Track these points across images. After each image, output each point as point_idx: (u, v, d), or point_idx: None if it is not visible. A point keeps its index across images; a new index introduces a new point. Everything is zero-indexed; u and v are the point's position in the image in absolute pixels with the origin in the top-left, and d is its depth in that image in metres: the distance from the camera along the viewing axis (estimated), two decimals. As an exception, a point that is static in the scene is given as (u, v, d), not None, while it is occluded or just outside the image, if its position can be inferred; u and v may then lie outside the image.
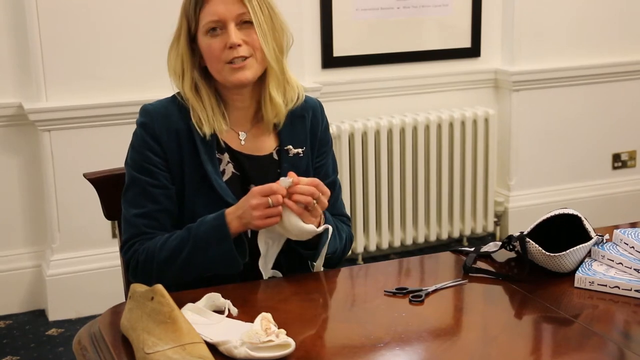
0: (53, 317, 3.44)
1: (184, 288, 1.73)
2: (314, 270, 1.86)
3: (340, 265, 1.97)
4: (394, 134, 3.84)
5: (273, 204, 1.70)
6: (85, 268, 3.47)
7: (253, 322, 1.48)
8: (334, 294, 1.83)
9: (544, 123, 4.20)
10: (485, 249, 1.91)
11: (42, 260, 3.53)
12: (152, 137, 1.84)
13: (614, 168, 4.41)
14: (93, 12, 3.35)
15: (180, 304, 1.53)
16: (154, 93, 2.02)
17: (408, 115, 3.90)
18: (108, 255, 3.42)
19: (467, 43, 4.09)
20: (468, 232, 4.12)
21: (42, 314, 3.50)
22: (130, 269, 1.84)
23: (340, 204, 2.02)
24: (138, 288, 1.53)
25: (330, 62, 3.84)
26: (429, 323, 1.59)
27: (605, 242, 1.86)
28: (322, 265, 1.87)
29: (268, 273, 1.84)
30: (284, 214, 1.73)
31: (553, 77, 4.15)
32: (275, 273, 1.85)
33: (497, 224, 4.21)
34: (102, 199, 2.01)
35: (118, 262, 2.06)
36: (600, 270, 1.76)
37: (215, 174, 1.84)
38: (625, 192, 4.41)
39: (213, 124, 1.85)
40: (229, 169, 1.88)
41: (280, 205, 1.71)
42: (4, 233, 3.49)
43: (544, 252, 1.75)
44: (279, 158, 1.92)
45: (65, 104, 3.34)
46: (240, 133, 1.91)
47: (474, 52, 4.11)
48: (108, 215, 2.02)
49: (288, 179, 1.73)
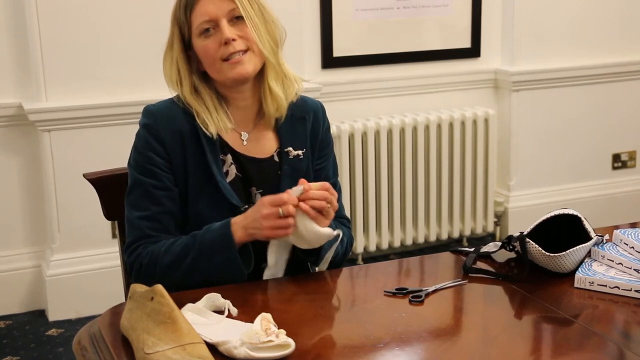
0: (53, 317, 3.44)
1: (184, 288, 1.73)
2: (318, 268, 1.86)
3: (340, 266, 1.97)
4: (394, 134, 3.84)
5: (284, 214, 1.70)
6: (85, 268, 3.47)
7: (253, 322, 1.48)
8: (334, 294, 1.82)
9: (544, 123, 4.20)
10: (485, 249, 1.91)
11: (42, 260, 3.53)
12: (155, 138, 1.83)
13: (614, 168, 4.41)
14: (93, 12, 3.35)
15: (180, 304, 1.53)
16: (154, 93, 2.02)
17: (408, 116, 3.91)
18: (108, 255, 3.42)
19: (467, 43, 4.09)
20: (468, 232, 4.12)
21: (42, 314, 3.50)
22: (134, 272, 1.83)
23: (340, 207, 2.01)
24: (138, 288, 1.53)
25: (330, 62, 3.84)
26: (429, 323, 1.59)
27: (605, 242, 1.86)
28: (325, 268, 1.88)
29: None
30: (300, 221, 1.72)
31: (553, 77, 4.15)
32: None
33: (497, 224, 4.21)
34: (102, 199, 2.01)
35: (118, 262, 2.06)
36: (600, 271, 1.76)
37: (220, 175, 1.84)
38: (625, 192, 4.41)
39: (218, 124, 1.84)
40: (232, 170, 1.88)
41: (291, 217, 1.70)
42: (4, 233, 3.49)
43: (544, 252, 1.75)
44: (280, 160, 1.92)
45: (65, 104, 3.34)
46: (243, 133, 1.91)
47: (474, 52, 4.11)
48: (108, 216, 2.02)
49: (299, 187, 1.72)
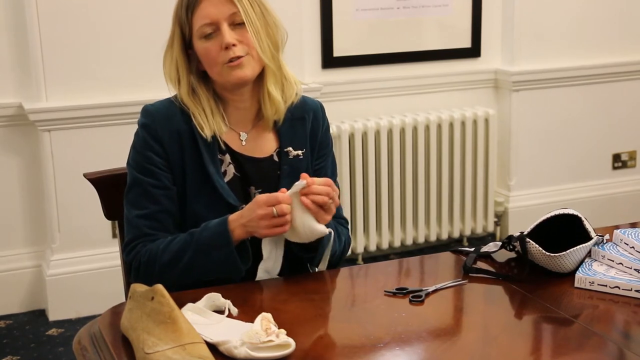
0: (53, 317, 3.44)
1: (184, 288, 1.74)
2: (318, 269, 1.86)
3: (340, 265, 1.97)
4: (394, 134, 3.84)
5: (277, 214, 1.70)
6: (85, 268, 3.47)
7: (253, 322, 1.48)
8: (334, 294, 1.83)
9: (544, 123, 4.20)
10: (485, 249, 1.91)
11: (42, 260, 3.53)
12: (153, 138, 1.84)
13: (614, 168, 4.41)
14: (93, 12, 3.35)
15: (180, 304, 1.53)
16: (154, 93, 2.02)
17: (408, 115, 3.90)
18: (108, 255, 3.42)
19: (467, 43, 4.09)
20: (468, 232, 4.12)
21: (42, 314, 3.50)
22: (132, 271, 1.84)
23: (339, 207, 2.01)
24: (138, 288, 1.53)
25: (330, 62, 3.84)
26: (429, 323, 1.59)
27: (606, 242, 1.86)
28: (325, 267, 1.88)
29: (265, 277, 1.83)
30: (298, 216, 1.73)
31: (553, 77, 4.15)
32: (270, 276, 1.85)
33: (497, 224, 4.21)
34: (102, 199, 2.01)
35: (118, 262, 2.06)
36: (601, 271, 1.76)
37: (217, 175, 1.84)
38: (626, 192, 4.41)
39: (213, 126, 1.85)
40: (230, 170, 1.88)
41: (288, 214, 1.71)
42: (4, 233, 3.49)
43: (544, 252, 1.75)
44: (279, 160, 1.92)
45: (65, 104, 3.34)
46: (241, 133, 1.91)
47: (474, 52, 4.11)
48: (108, 215, 2.02)
49: (302, 182, 1.72)
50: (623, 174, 4.42)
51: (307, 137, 1.94)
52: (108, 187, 1.99)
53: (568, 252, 1.74)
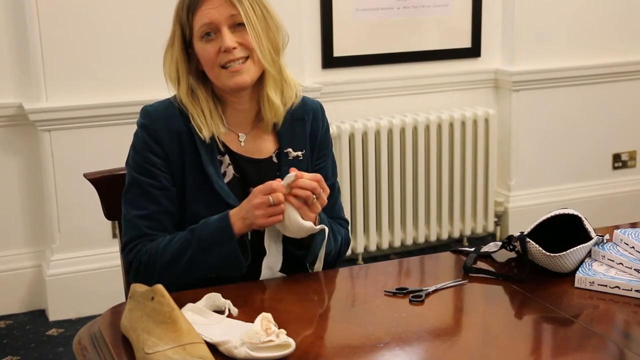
0: (53, 317, 3.44)
1: (185, 288, 1.73)
2: (314, 271, 1.86)
3: (340, 265, 1.97)
4: (394, 134, 3.84)
5: (274, 202, 1.71)
6: (85, 268, 3.47)
7: (253, 322, 1.49)
8: (334, 294, 1.83)
9: (544, 123, 4.20)
10: (486, 249, 1.91)
11: (42, 260, 3.53)
12: (153, 138, 1.84)
13: (614, 168, 4.41)
14: (93, 12, 3.35)
15: (181, 304, 1.53)
16: (154, 93, 2.02)
17: (408, 115, 3.90)
18: (108, 255, 3.42)
19: (467, 43, 4.09)
20: (468, 232, 4.12)
21: (42, 314, 3.50)
22: (132, 271, 1.83)
23: (339, 207, 2.01)
24: (138, 288, 1.53)
25: (330, 62, 3.84)
26: (429, 323, 1.59)
27: (606, 242, 1.86)
28: (321, 267, 1.87)
29: (268, 274, 1.83)
30: (285, 210, 1.74)
31: (553, 77, 4.15)
32: (274, 275, 1.85)
33: (497, 224, 4.21)
34: (102, 199, 2.01)
35: (118, 262, 2.06)
36: (601, 271, 1.76)
37: (217, 176, 1.84)
38: (626, 192, 4.41)
39: (212, 128, 1.85)
40: (230, 171, 1.88)
41: (283, 203, 1.72)
42: (4, 233, 3.49)
43: (544, 252, 1.75)
44: (279, 161, 1.92)
45: (65, 104, 3.34)
46: (240, 135, 1.91)
47: (474, 52, 4.11)
48: (108, 215, 2.02)
49: (291, 175, 1.73)
50: (623, 174, 4.42)
51: (306, 137, 1.94)
52: (108, 187, 1.99)
53: (568, 252, 1.74)
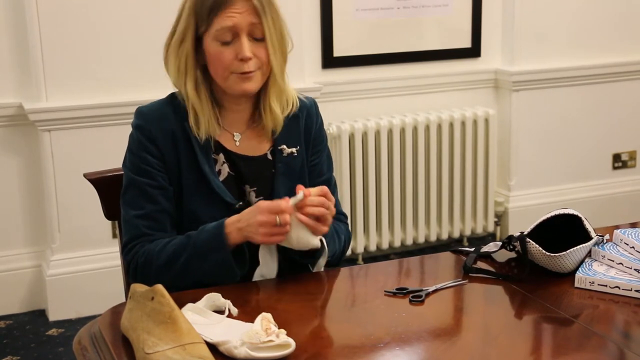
0: (53, 317, 3.44)
1: (179, 288, 1.73)
2: (314, 270, 1.86)
3: (340, 265, 1.97)
4: (394, 134, 3.84)
5: (280, 223, 1.70)
6: (85, 268, 3.47)
7: (253, 322, 1.48)
8: (334, 294, 1.82)
9: (544, 123, 4.20)
10: (486, 249, 1.91)
11: (42, 260, 3.53)
12: (148, 139, 1.84)
13: (614, 168, 4.41)
14: (93, 12, 3.35)
15: (181, 304, 1.53)
16: (154, 93, 2.02)
17: (408, 115, 3.90)
18: (108, 255, 3.42)
19: (467, 43, 4.09)
20: (468, 232, 4.12)
21: (42, 314, 3.50)
22: (130, 272, 1.84)
23: (337, 202, 2.01)
24: (138, 288, 1.53)
25: (331, 62, 3.84)
26: (429, 323, 1.59)
27: (606, 242, 1.86)
28: (322, 267, 1.88)
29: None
30: (293, 229, 1.72)
31: (553, 77, 4.15)
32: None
33: (497, 224, 4.21)
34: (102, 199, 2.01)
35: (118, 262, 2.06)
36: (601, 271, 1.75)
37: (212, 174, 1.85)
38: (626, 192, 4.41)
39: (208, 128, 1.84)
40: (225, 170, 1.88)
41: (288, 225, 1.70)
42: (4, 233, 3.49)
43: (544, 252, 1.75)
44: (273, 158, 1.92)
45: (65, 104, 3.34)
46: (235, 134, 1.91)
47: (474, 52, 4.11)
48: (108, 215, 2.02)
49: (299, 195, 1.72)
50: (623, 174, 4.42)
51: (301, 134, 1.94)
52: (108, 187, 1.99)
53: (568, 252, 1.74)
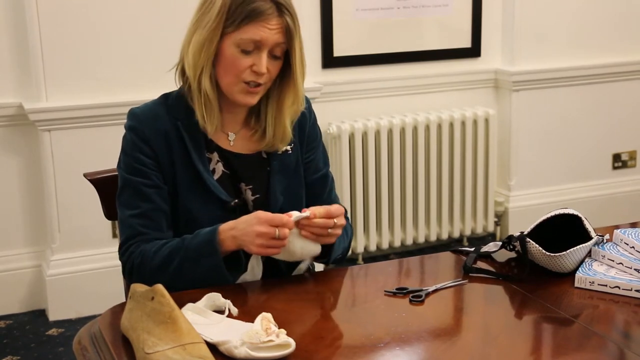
0: (53, 317, 3.44)
1: (174, 290, 1.72)
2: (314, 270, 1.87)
3: (340, 266, 1.97)
4: (394, 134, 3.84)
5: (279, 237, 1.69)
6: (85, 268, 3.47)
7: (253, 322, 1.48)
8: (334, 294, 1.82)
9: (544, 123, 4.20)
10: (486, 249, 1.91)
11: (42, 260, 3.53)
12: (141, 139, 1.84)
13: (614, 168, 4.41)
14: (93, 12, 3.35)
15: (181, 304, 1.53)
16: (154, 93, 2.01)
17: (408, 115, 3.90)
18: (108, 255, 3.42)
19: (467, 43, 4.09)
20: (468, 232, 4.12)
21: (42, 314, 3.50)
22: (126, 272, 1.84)
23: (335, 197, 2.01)
24: (138, 288, 1.54)
25: (331, 62, 3.84)
26: (429, 323, 1.59)
27: (606, 242, 1.86)
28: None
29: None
30: (297, 242, 1.72)
31: (553, 77, 4.15)
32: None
33: (497, 224, 4.21)
34: (102, 199, 2.01)
35: (118, 262, 2.05)
36: (601, 271, 1.76)
37: (207, 172, 1.85)
38: (626, 192, 4.41)
39: (212, 124, 1.85)
40: (219, 168, 1.88)
41: (286, 240, 1.70)
42: (4, 233, 3.49)
43: (545, 252, 1.75)
44: (268, 156, 1.92)
45: (65, 104, 3.34)
46: (230, 134, 1.91)
47: (474, 52, 4.11)
48: (108, 215, 2.02)
49: (304, 214, 1.70)
50: (623, 174, 4.42)
51: (295, 131, 1.94)
52: (108, 187, 1.99)
53: (568, 252, 1.74)
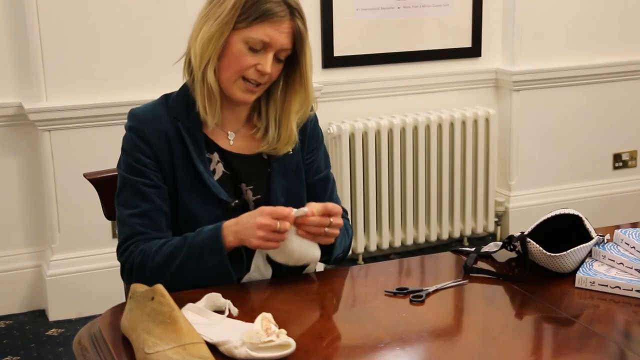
0: (53, 317, 3.44)
1: (174, 290, 1.71)
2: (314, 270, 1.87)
3: (341, 266, 1.97)
4: (394, 134, 3.84)
5: (280, 229, 1.69)
6: (85, 268, 3.47)
7: (253, 322, 1.48)
8: (334, 294, 1.82)
9: (545, 123, 4.20)
10: (486, 249, 1.91)
11: (42, 260, 3.53)
12: (141, 139, 1.84)
13: (615, 168, 4.41)
14: (93, 12, 3.35)
15: (181, 304, 1.53)
16: (154, 93, 2.01)
17: (408, 115, 3.90)
18: (108, 255, 3.41)
19: (467, 43, 4.09)
20: (469, 232, 4.12)
21: (42, 314, 3.50)
22: (125, 272, 1.83)
23: (336, 198, 2.01)
24: (138, 288, 1.53)
25: (331, 62, 3.84)
26: (430, 323, 1.59)
27: (606, 242, 1.86)
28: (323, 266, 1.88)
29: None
30: (295, 241, 1.72)
31: (553, 77, 4.15)
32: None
33: (497, 224, 4.21)
34: (102, 199, 2.01)
35: (118, 262, 2.06)
36: (601, 271, 1.75)
37: (207, 173, 1.85)
38: (626, 192, 4.41)
39: (213, 119, 1.84)
40: (219, 169, 1.88)
41: (286, 233, 1.69)
42: (4, 233, 3.49)
43: (545, 252, 1.75)
44: (269, 157, 1.92)
45: (65, 104, 3.34)
46: (229, 133, 1.91)
47: (475, 52, 4.11)
48: (108, 215, 2.02)
49: (303, 209, 1.70)
50: (624, 174, 4.42)
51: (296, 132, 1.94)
52: (108, 187, 1.99)
53: (569, 252, 1.74)
